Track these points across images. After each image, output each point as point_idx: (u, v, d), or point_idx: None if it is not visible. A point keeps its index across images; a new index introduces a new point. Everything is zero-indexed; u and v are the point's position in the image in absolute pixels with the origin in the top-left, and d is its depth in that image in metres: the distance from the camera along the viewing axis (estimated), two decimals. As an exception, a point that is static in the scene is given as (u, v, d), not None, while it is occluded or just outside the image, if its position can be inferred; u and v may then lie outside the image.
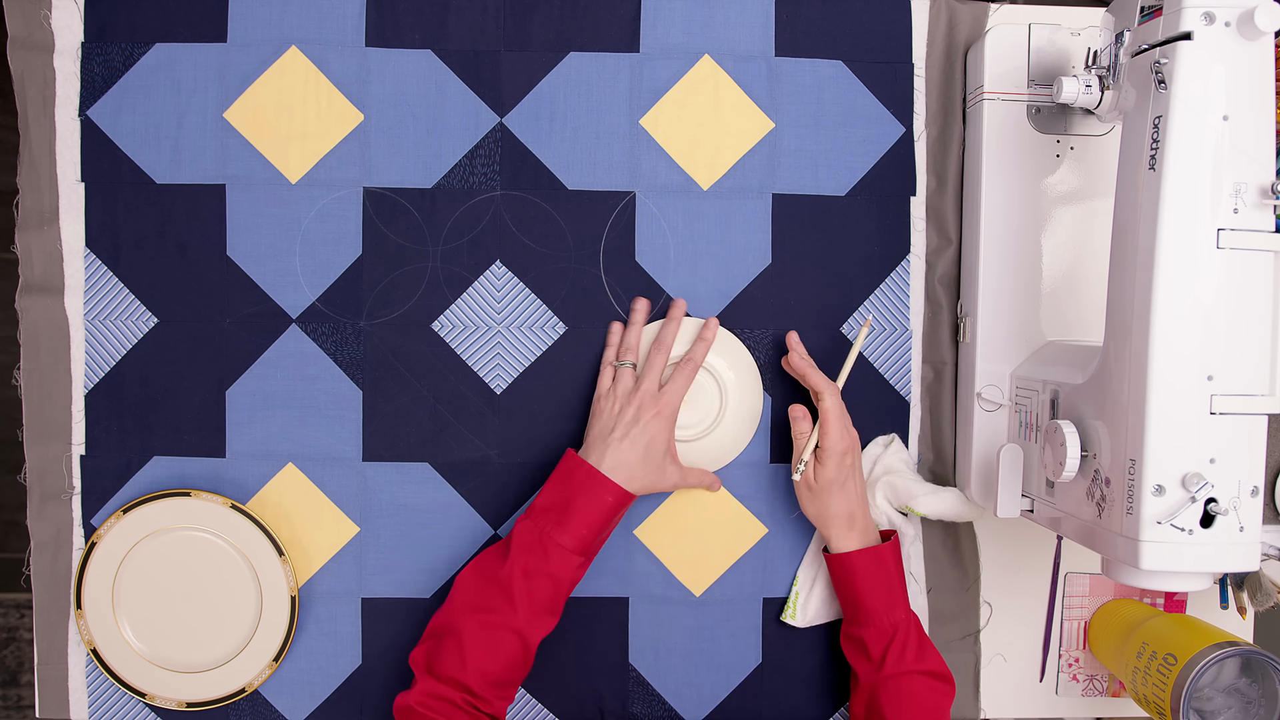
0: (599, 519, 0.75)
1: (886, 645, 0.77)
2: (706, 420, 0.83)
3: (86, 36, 0.82)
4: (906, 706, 0.76)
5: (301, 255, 0.83)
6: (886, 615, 0.77)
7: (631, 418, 0.77)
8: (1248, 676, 0.77)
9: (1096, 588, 0.89)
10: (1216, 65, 0.60)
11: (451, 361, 0.84)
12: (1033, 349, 0.82)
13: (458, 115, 0.84)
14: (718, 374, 0.82)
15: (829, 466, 0.78)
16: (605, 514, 0.75)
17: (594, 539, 0.76)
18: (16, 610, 1.60)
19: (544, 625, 0.75)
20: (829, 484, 0.78)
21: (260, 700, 0.85)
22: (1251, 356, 0.62)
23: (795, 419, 0.80)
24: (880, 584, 0.78)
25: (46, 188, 0.82)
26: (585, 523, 0.74)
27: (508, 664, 0.73)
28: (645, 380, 0.79)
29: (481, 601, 0.73)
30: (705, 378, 0.82)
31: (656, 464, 0.78)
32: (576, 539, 0.74)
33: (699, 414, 0.82)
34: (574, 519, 0.74)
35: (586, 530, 0.75)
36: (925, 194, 0.86)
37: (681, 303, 0.83)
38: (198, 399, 0.83)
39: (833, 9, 0.85)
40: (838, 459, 0.78)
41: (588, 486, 0.75)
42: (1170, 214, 0.61)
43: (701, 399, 0.82)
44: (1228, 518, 0.62)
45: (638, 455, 0.76)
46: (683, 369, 0.79)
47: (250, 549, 0.82)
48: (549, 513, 0.75)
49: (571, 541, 0.74)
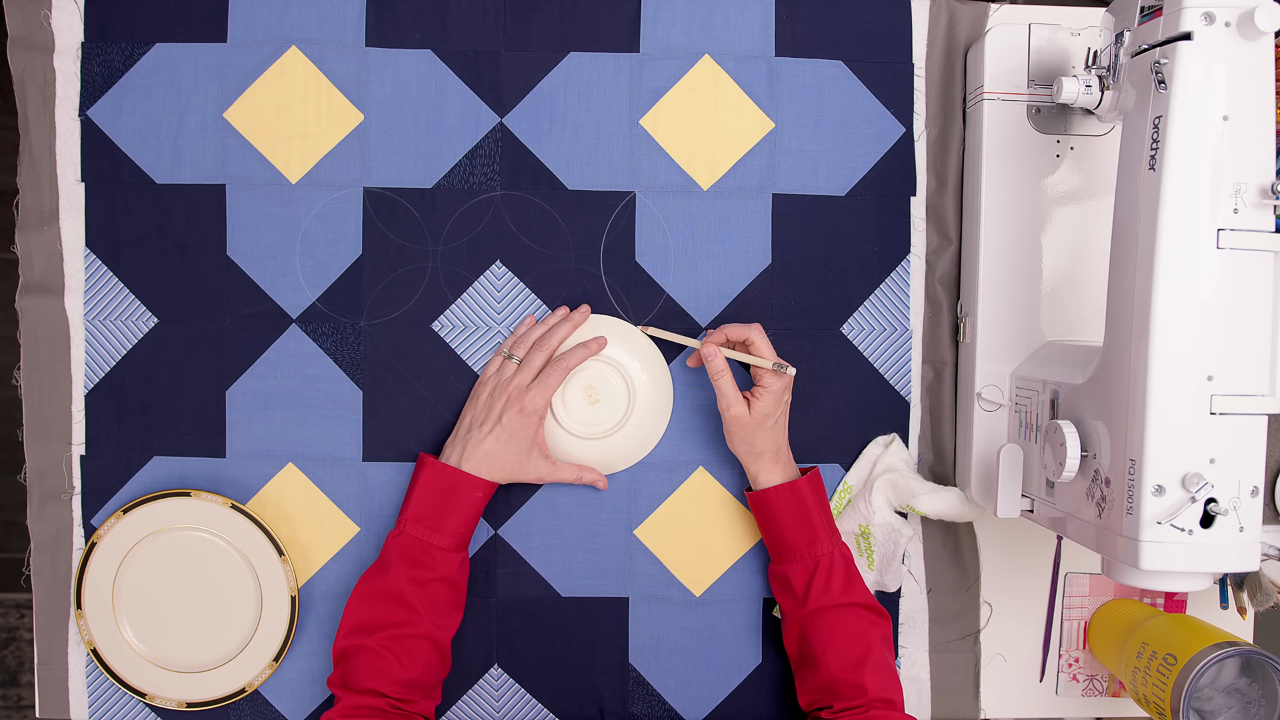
0: (471, 515, 0.78)
1: (809, 579, 0.77)
2: (612, 420, 0.83)
3: (86, 36, 0.82)
4: (834, 637, 0.76)
5: (301, 255, 0.83)
6: (808, 549, 0.78)
7: (498, 412, 0.79)
8: (1248, 676, 0.77)
9: (1096, 588, 0.89)
10: (1216, 65, 0.60)
11: (451, 361, 0.84)
12: (1033, 349, 0.82)
13: (458, 115, 0.84)
14: (629, 376, 0.82)
15: (766, 400, 0.78)
16: (475, 509, 0.79)
17: (469, 533, 0.79)
18: (16, 610, 1.60)
19: (451, 623, 0.78)
20: (764, 418, 0.78)
21: (260, 700, 0.85)
22: (1251, 356, 0.62)
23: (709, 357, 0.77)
24: (799, 518, 0.78)
25: (46, 188, 0.82)
26: (460, 521, 0.78)
27: (425, 668, 0.75)
28: (518, 375, 0.80)
29: (381, 619, 0.75)
30: (616, 378, 0.82)
31: (517, 457, 0.79)
32: (454, 538, 0.77)
33: (606, 413, 0.83)
34: (448, 522, 0.77)
35: (463, 528, 0.78)
36: (925, 194, 0.86)
37: (584, 308, 0.83)
38: (198, 399, 0.83)
39: (833, 9, 0.85)
40: (776, 394, 0.78)
41: (456, 488, 0.78)
42: (1170, 214, 0.61)
43: (610, 398, 0.82)
44: (1228, 518, 0.62)
45: (498, 448, 0.78)
46: (552, 368, 0.80)
47: (250, 549, 0.82)
48: (422, 522, 0.77)
49: (450, 541, 0.77)
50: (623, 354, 0.83)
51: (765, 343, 0.78)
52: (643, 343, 0.84)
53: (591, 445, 0.83)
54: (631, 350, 0.83)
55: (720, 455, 0.86)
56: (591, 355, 0.81)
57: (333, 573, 0.84)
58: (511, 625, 0.85)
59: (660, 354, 0.84)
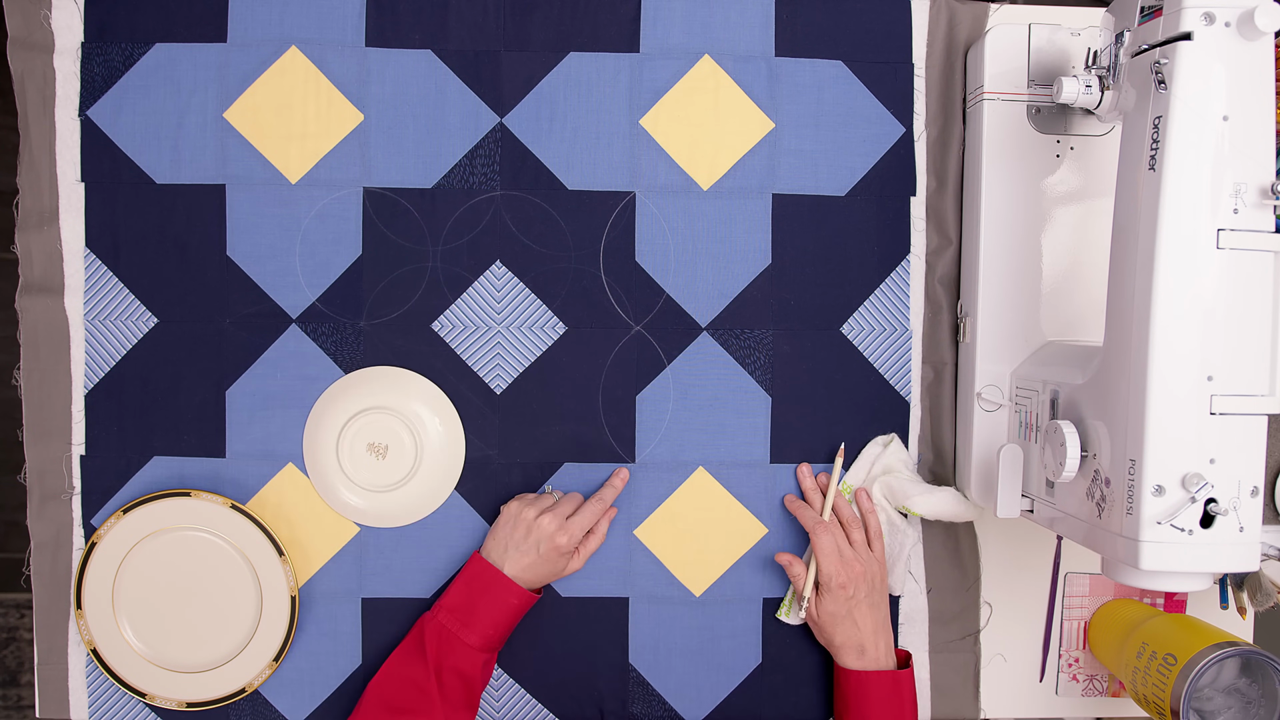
0: (504, 620, 0.78)
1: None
2: (398, 474, 0.82)
3: (86, 36, 0.82)
4: None
5: (301, 255, 0.83)
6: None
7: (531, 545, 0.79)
8: (1248, 676, 0.76)
9: (1096, 588, 0.89)
10: (1216, 65, 0.60)
11: (451, 361, 0.84)
12: (1033, 349, 0.82)
13: (458, 115, 0.84)
14: (417, 429, 0.82)
15: (827, 600, 0.80)
16: (509, 615, 0.78)
17: (499, 637, 0.79)
18: (16, 610, 1.60)
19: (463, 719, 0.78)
20: (832, 616, 0.80)
21: (260, 700, 0.85)
22: (1251, 356, 0.62)
23: (786, 564, 0.82)
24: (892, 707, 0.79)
25: (46, 188, 0.82)
26: (492, 623, 0.78)
27: None
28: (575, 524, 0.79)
29: (400, 702, 0.76)
30: (404, 431, 0.82)
31: (552, 563, 0.80)
32: (483, 638, 0.77)
33: (391, 467, 0.82)
34: (479, 619, 0.77)
35: (493, 630, 0.78)
36: (925, 194, 0.86)
37: (624, 472, 0.84)
38: (198, 399, 0.83)
39: (833, 9, 0.85)
40: (835, 593, 0.79)
41: (494, 590, 0.77)
42: (1170, 214, 0.61)
43: (398, 452, 0.82)
44: (1227, 518, 0.62)
45: (532, 559, 0.78)
46: (590, 506, 0.81)
47: (250, 549, 0.82)
48: (455, 612, 0.77)
49: (478, 640, 0.77)
50: (418, 406, 0.82)
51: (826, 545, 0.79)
52: (434, 395, 0.83)
53: (377, 498, 0.83)
54: (425, 400, 0.83)
55: (720, 455, 0.86)
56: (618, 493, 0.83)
57: (333, 573, 0.84)
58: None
59: (452, 405, 0.84)
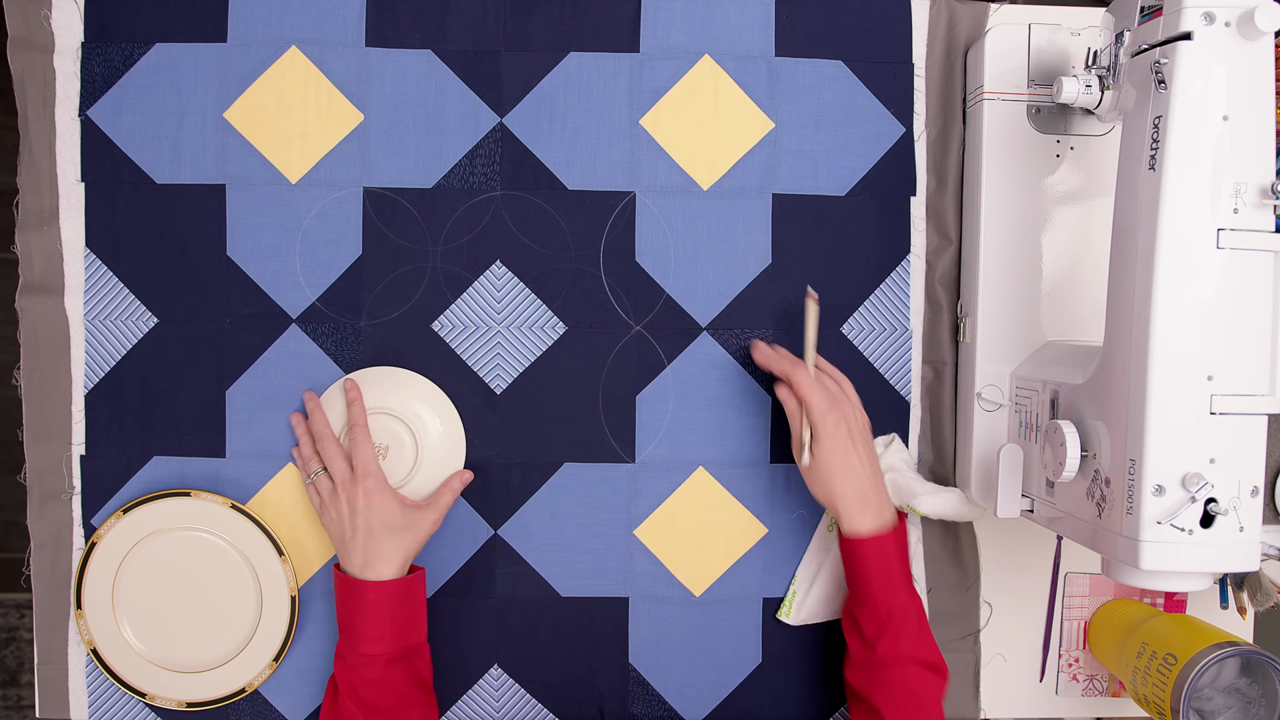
0: (380, 617, 0.76)
1: (880, 629, 0.76)
2: (400, 472, 0.82)
3: (86, 36, 0.82)
4: (896, 695, 0.76)
5: (301, 255, 0.83)
6: (884, 600, 0.76)
7: (349, 512, 0.77)
8: (1248, 676, 0.77)
9: (1096, 588, 0.89)
10: (1216, 65, 0.60)
11: (451, 361, 0.84)
12: (1033, 349, 0.82)
13: (458, 115, 0.84)
14: (416, 428, 0.81)
15: (826, 443, 0.76)
16: (383, 609, 0.76)
17: (395, 632, 0.76)
18: (16, 610, 1.60)
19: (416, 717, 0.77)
20: (828, 461, 0.76)
21: (260, 700, 0.85)
22: (1251, 356, 0.62)
23: (783, 399, 0.79)
24: (880, 570, 0.77)
25: (46, 188, 0.82)
26: (372, 624, 0.75)
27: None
28: (334, 471, 0.78)
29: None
30: (402, 430, 0.81)
31: (401, 528, 0.77)
32: (375, 641, 0.75)
33: (391, 466, 0.81)
34: (360, 628, 0.75)
35: (376, 631, 0.75)
36: (925, 194, 0.86)
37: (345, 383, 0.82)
38: (198, 399, 0.83)
39: (833, 9, 0.85)
40: (832, 432, 0.76)
41: (352, 597, 0.76)
42: (1170, 214, 0.61)
43: (397, 451, 0.81)
44: (1228, 518, 0.62)
45: (378, 538, 0.76)
46: (353, 436, 0.79)
47: (250, 549, 0.82)
48: (344, 632, 0.77)
49: (372, 647, 0.75)
50: (418, 406, 0.82)
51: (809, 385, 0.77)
52: (430, 391, 0.83)
53: None
54: (426, 400, 0.82)
55: (720, 455, 0.86)
56: (358, 402, 0.80)
57: (332, 573, 0.84)
58: (511, 625, 0.85)
59: (452, 404, 0.83)
